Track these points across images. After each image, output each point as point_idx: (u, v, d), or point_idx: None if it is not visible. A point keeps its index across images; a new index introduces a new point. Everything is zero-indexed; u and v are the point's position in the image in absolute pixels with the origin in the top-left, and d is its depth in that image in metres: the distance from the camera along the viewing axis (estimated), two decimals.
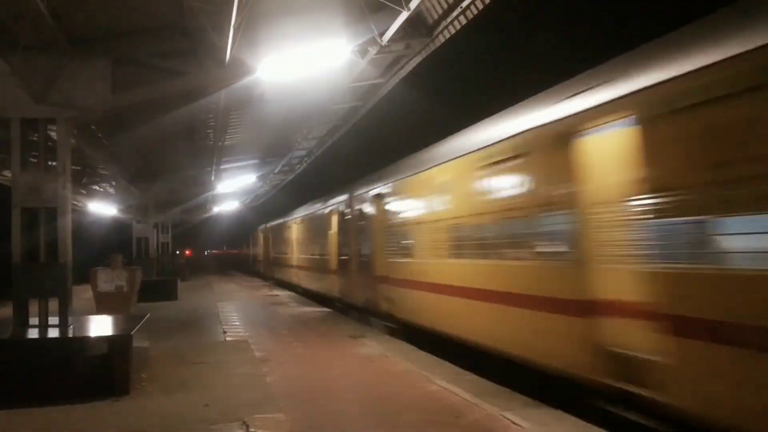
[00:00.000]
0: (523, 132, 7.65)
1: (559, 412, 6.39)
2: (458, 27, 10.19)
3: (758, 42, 4.47)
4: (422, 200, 11.12)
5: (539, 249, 7.29)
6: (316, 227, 21.49)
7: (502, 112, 8.87)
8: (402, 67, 12.36)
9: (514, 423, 6.01)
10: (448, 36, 10.53)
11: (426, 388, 7.63)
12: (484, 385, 7.76)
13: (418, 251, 11.23)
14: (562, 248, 6.84)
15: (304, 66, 9.45)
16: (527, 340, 7.49)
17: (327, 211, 19.64)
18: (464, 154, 9.32)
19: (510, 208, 7.90)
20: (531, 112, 7.72)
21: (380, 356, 9.89)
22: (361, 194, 15.38)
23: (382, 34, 9.46)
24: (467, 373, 8.47)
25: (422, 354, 10.01)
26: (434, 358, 9.63)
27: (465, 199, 9.26)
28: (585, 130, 6.43)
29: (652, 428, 5.63)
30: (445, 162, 10.12)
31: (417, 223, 11.25)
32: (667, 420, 5.41)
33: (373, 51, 10.58)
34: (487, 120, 9.35)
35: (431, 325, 10.57)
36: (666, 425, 5.44)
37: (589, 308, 6.33)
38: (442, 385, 7.74)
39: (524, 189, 7.61)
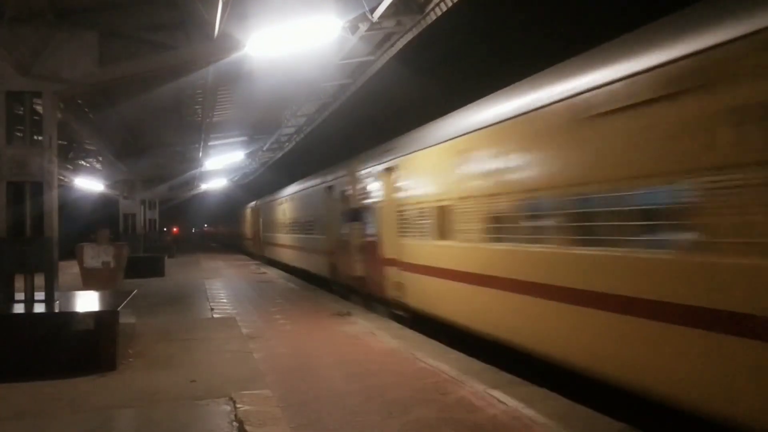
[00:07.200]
0: None
1: (544, 391, 6.48)
2: (450, 4, 10.07)
3: None
4: (277, 211, 27.07)
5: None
6: (252, 217, 37.65)
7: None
8: (393, 45, 12.23)
9: (500, 401, 6.08)
10: (440, 13, 10.40)
11: (412, 366, 7.70)
12: (471, 363, 7.84)
13: (273, 231, 28.31)
14: None
15: (293, 42, 9.31)
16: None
17: (252, 209, 37.06)
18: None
19: None
20: None
21: (367, 334, 9.95)
22: (260, 203, 33.65)
23: (372, 10, 9.34)
24: (454, 351, 8.54)
25: (409, 332, 10.08)
26: (421, 336, 9.70)
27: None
28: None
29: (636, 406, 5.72)
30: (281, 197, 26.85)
31: (274, 222, 28.13)
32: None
33: (363, 27, 10.46)
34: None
35: (279, 259, 26.74)
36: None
37: None
38: (429, 362, 7.81)
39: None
